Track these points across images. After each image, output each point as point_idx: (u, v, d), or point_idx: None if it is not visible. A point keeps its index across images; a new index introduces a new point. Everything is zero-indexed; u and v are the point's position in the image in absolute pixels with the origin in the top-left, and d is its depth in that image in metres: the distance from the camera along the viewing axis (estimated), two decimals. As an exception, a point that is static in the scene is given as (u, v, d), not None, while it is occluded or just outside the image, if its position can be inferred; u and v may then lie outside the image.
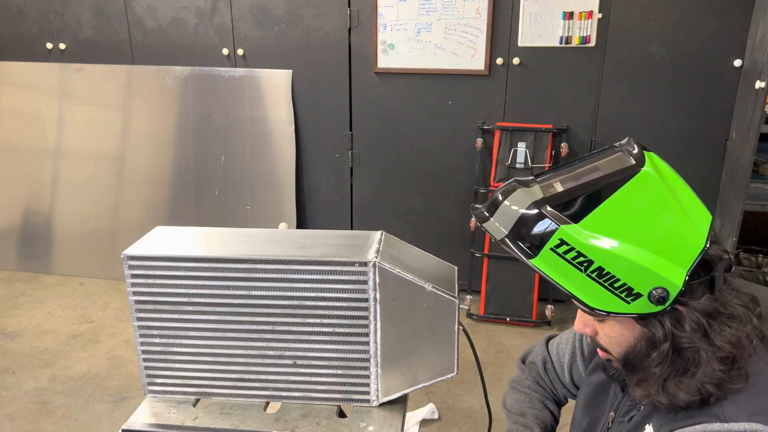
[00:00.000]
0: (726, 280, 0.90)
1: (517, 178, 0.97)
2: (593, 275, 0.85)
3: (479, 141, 3.11)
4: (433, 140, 3.24)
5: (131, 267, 1.20)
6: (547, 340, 1.35)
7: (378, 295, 1.15)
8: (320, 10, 3.16)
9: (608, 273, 0.84)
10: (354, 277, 1.15)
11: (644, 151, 0.87)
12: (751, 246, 3.12)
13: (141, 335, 1.25)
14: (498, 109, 3.12)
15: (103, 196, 3.57)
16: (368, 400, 1.24)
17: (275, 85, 3.31)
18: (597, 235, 0.84)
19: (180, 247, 1.21)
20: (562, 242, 0.84)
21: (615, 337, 0.95)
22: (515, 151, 3.04)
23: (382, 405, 1.25)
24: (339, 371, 1.22)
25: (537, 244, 0.86)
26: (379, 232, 1.27)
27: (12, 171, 3.66)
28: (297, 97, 3.32)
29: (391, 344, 1.19)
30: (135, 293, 1.21)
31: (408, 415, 1.28)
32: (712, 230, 0.87)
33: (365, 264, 1.13)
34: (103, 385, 2.65)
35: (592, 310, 0.88)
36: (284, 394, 1.26)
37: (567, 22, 2.90)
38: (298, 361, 1.23)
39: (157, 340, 1.25)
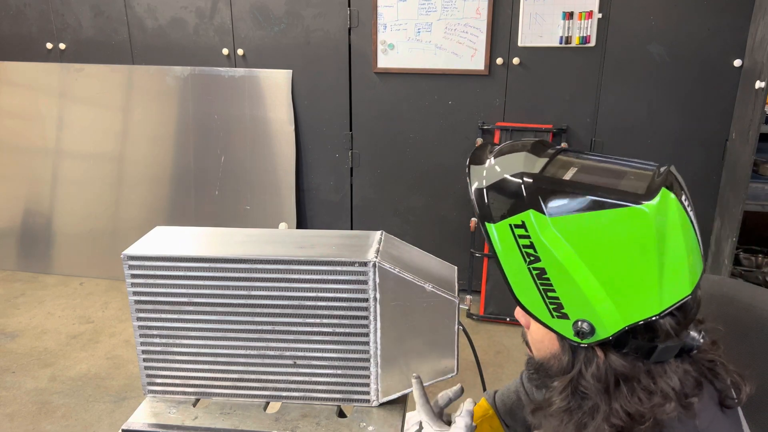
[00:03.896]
0: (686, 356, 0.83)
1: (544, 140, 0.92)
2: (534, 273, 0.80)
3: (479, 141, 3.11)
4: (433, 140, 3.24)
5: (131, 267, 1.20)
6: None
7: (378, 295, 1.15)
8: (320, 10, 3.16)
9: (548, 279, 0.79)
10: (354, 277, 1.15)
11: (666, 189, 0.77)
12: (751, 246, 3.12)
13: (141, 335, 1.25)
14: (498, 109, 3.12)
15: (103, 196, 3.57)
16: (368, 400, 1.24)
17: (275, 85, 3.31)
18: (561, 239, 0.77)
19: (180, 247, 1.21)
20: (523, 225, 0.79)
21: (537, 341, 0.91)
22: (515, 151, 3.04)
23: (382, 405, 1.25)
24: (339, 371, 1.22)
25: (501, 213, 0.80)
26: (379, 232, 1.27)
27: (12, 171, 3.66)
28: (297, 97, 3.32)
29: (391, 344, 1.19)
30: (135, 293, 1.21)
31: (408, 415, 1.28)
32: (686, 308, 0.80)
33: (365, 264, 1.13)
34: (103, 385, 2.65)
35: (516, 302, 0.84)
36: (284, 394, 1.26)
37: (567, 22, 2.91)
38: (298, 361, 1.23)
39: (157, 340, 1.25)
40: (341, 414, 1.25)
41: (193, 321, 1.22)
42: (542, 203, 0.78)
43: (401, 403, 1.26)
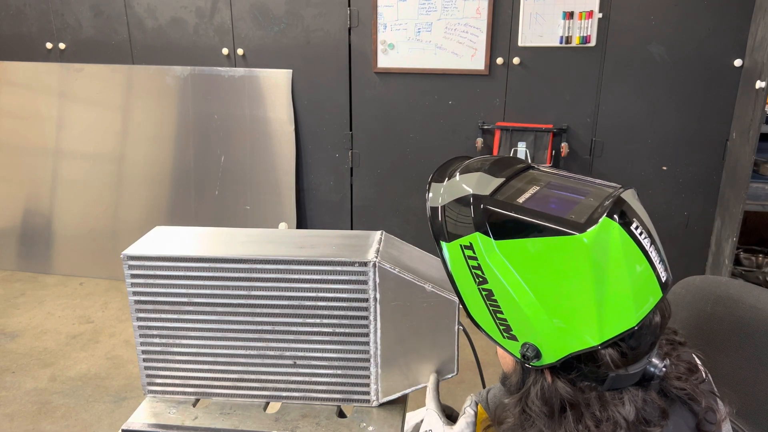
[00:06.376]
0: (651, 384, 0.81)
1: (512, 157, 0.91)
2: (483, 294, 0.80)
3: (479, 141, 3.11)
4: (433, 140, 3.24)
5: (131, 267, 1.20)
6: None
7: (378, 295, 1.15)
8: (320, 10, 3.16)
9: (496, 301, 0.79)
10: (354, 277, 1.14)
11: (609, 218, 0.74)
12: (752, 246, 3.12)
13: (141, 335, 1.25)
14: (498, 109, 3.12)
15: (103, 196, 3.57)
16: (368, 400, 1.24)
17: (275, 84, 3.31)
18: (506, 263, 0.77)
19: (180, 247, 1.21)
20: (471, 246, 0.79)
21: (500, 354, 0.91)
22: (515, 151, 3.04)
23: (382, 405, 1.25)
24: (339, 371, 1.22)
25: (452, 233, 0.81)
26: (379, 232, 1.27)
27: (12, 171, 3.66)
28: (297, 97, 3.32)
29: (391, 344, 1.19)
30: (135, 293, 1.21)
31: (408, 415, 1.28)
32: (637, 338, 0.78)
33: (365, 264, 1.13)
34: (103, 385, 2.65)
35: (471, 319, 0.84)
36: (284, 394, 1.26)
37: (567, 21, 2.90)
38: (298, 361, 1.23)
39: (157, 340, 1.25)
40: (341, 414, 1.25)
41: (193, 321, 1.22)
42: (488, 226, 0.78)
43: (401, 403, 1.26)
